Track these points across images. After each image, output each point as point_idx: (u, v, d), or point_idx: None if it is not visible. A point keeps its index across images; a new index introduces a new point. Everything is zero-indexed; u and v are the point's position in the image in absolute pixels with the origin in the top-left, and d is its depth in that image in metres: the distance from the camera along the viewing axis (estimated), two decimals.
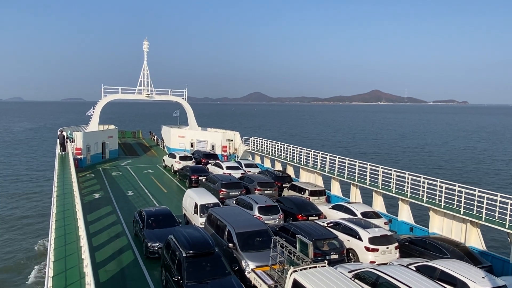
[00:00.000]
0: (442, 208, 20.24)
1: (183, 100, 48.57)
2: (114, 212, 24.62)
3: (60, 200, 20.87)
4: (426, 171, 53.35)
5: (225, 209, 19.49)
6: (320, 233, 17.01)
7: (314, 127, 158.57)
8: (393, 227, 22.69)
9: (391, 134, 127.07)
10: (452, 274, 13.24)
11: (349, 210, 22.22)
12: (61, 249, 14.64)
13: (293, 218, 22.13)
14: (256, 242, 16.05)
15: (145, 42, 46.03)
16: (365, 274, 13.27)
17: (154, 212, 19.90)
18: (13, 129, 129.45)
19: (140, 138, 64.29)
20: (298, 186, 27.09)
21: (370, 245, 16.98)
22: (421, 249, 17.49)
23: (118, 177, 34.83)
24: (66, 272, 12.84)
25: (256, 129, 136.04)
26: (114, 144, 46.39)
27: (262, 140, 39.36)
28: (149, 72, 46.30)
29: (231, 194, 26.02)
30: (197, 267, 13.49)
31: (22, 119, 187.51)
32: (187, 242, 14.27)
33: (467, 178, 52.52)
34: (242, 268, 15.03)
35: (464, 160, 70.89)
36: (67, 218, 18.03)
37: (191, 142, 46.48)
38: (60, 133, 37.96)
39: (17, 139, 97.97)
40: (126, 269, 16.54)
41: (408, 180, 22.58)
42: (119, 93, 45.26)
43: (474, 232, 18.87)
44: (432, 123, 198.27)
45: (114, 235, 20.38)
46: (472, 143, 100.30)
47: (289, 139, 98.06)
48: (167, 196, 29.03)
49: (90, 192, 29.25)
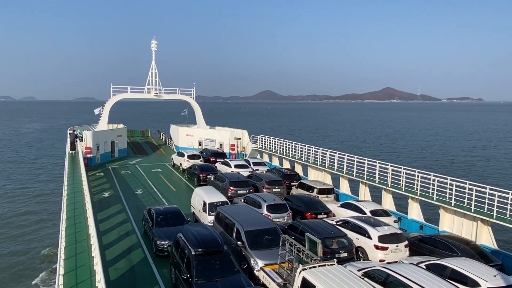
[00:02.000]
0: (452, 206, 20.02)
1: (191, 99, 48.69)
2: (123, 210, 24.79)
3: (70, 198, 21.07)
4: (436, 169, 52.87)
5: (233, 208, 19.52)
6: (329, 232, 16.94)
7: (340, 127, 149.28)
8: (403, 225, 22.52)
9: (402, 132, 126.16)
10: (463, 273, 13.11)
11: (358, 208, 22.09)
12: (71, 247, 14.78)
13: (301, 216, 22.06)
14: (265, 240, 16.04)
15: (153, 41, 46.20)
16: (374, 272, 13.19)
17: (163, 210, 19.99)
18: (24, 128, 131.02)
19: (149, 137, 64.67)
20: (306, 184, 27.02)
21: (379, 244, 16.88)
22: (431, 248, 17.32)
23: (127, 176, 35.07)
24: (76, 270, 12.97)
25: (277, 129, 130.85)
26: (123, 143, 46.72)
27: (270, 138, 39.33)
28: (157, 71, 46.54)
29: (239, 193, 26.04)
30: (206, 265, 13.52)
31: (34, 119, 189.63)
32: (196, 240, 14.32)
33: (477, 176, 51.97)
34: (251, 266, 15.04)
35: (475, 158, 70.13)
36: (77, 217, 18.20)
37: (199, 141, 46.61)
38: (72, 132, 38.33)
39: (28, 138, 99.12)
40: (136, 267, 16.66)
41: (418, 178, 22.37)
42: (127, 92, 45.50)
43: (485, 230, 18.65)
44: (443, 120, 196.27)
45: (123, 234, 20.53)
46: (482, 142, 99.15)
47: (311, 139, 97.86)
48: (176, 195, 29.15)
49: (100, 190, 29.49)
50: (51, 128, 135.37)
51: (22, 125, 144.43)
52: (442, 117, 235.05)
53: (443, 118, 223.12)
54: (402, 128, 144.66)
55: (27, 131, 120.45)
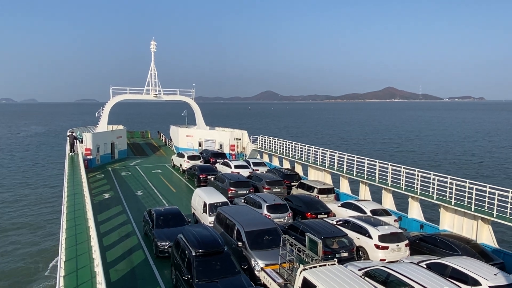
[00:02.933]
0: (452, 205, 20.02)
1: (190, 99, 48.69)
2: (124, 211, 24.79)
3: (71, 200, 21.07)
4: (437, 168, 52.86)
5: (234, 208, 19.53)
6: (329, 231, 16.95)
7: (350, 128, 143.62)
8: (403, 224, 22.52)
9: (402, 132, 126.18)
10: (464, 272, 13.11)
11: (358, 208, 22.09)
12: (72, 249, 14.79)
13: (302, 216, 22.06)
14: (265, 241, 16.04)
15: (152, 42, 46.21)
16: (375, 272, 13.19)
17: (164, 211, 19.99)
18: (23, 131, 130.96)
19: (149, 138, 64.65)
20: (306, 184, 27.02)
21: (380, 243, 16.88)
22: (431, 247, 17.33)
23: (127, 177, 35.06)
24: (77, 272, 12.97)
25: (285, 131, 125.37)
26: (123, 144, 46.72)
27: (270, 139, 39.33)
28: (156, 72, 46.54)
29: (239, 193, 26.04)
30: (207, 266, 13.52)
31: (34, 121, 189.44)
32: (196, 241, 14.32)
33: (477, 174, 51.97)
34: (252, 267, 15.04)
35: (475, 156, 70.14)
36: (78, 218, 18.20)
37: (199, 142, 46.63)
38: (70, 134, 38.30)
39: (27, 140, 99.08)
40: (137, 268, 16.66)
41: (417, 177, 22.37)
42: (127, 94, 45.52)
43: (485, 228, 18.65)
44: (444, 120, 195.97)
45: (124, 235, 20.52)
46: (481, 141, 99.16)
47: (313, 139, 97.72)
48: (176, 196, 29.15)
49: (100, 192, 29.49)
50: (50, 130, 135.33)
51: (22, 128, 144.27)
52: (444, 116, 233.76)
53: (445, 117, 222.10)
54: (403, 127, 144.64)
55: (27, 134, 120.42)
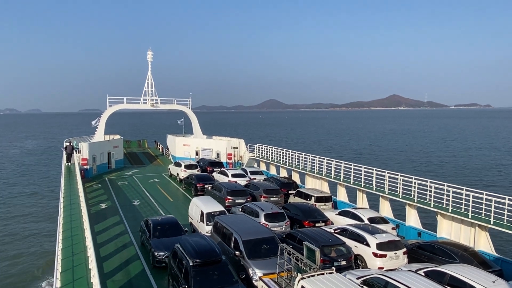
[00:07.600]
0: (450, 212, 20.06)
1: (187, 108, 48.77)
2: (121, 222, 24.65)
3: (67, 210, 20.95)
4: (433, 176, 52.96)
5: (231, 217, 19.47)
6: (327, 240, 16.91)
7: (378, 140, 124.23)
8: (401, 232, 22.51)
9: (402, 140, 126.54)
10: (462, 279, 13.08)
11: (356, 216, 22.08)
12: (68, 259, 14.67)
13: (299, 225, 22.02)
14: (263, 250, 15.99)
15: (149, 52, 46.43)
16: (373, 280, 13.15)
17: (161, 221, 19.91)
18: (21, 142, 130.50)
19: (146, 147, 64.54)
20: (304, 192, 27.00)
21: (378, 251, 16.85)
22: (429, 254, 17.31)
23: (124, 187, 34.93)
24: (73, 283, 12.85)
25: (314, 146, 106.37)
26: (119, 154, 46.61)
27: (267, 147, 39.37)
28: (153, 81, 46.65)
29: (237, 202, 25.98)
30: (204, 276, 13.45)
31: (33, 132, 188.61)
32: (193, 251, 14.26)
33: (474, 182, 52.08)
34: (250, 276, 14.97)
35: (471, 164, 70.35)
36: (74, 229, 18.08)
37: (196, 151, 46.58)
38: (69, 144, 38.15)
39: (25, 150, 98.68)
40: (134, 279, 16.53)
41: (415, 185, 22.43)
42: (124, 103, 45.56)
43: (483, 236, 18.67)
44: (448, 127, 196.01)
45: (121, 245, 20.39)
46: (482, 150, 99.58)
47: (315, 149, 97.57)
48: (173, 205, 29.04)
49: (97, 202, 29.34)
50: (48, 139, 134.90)
51: (20, 140, 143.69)
52: (451, 123, 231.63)
53: (450, 124, 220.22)
54: (404, 136, 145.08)
55: (25, 144, 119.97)
